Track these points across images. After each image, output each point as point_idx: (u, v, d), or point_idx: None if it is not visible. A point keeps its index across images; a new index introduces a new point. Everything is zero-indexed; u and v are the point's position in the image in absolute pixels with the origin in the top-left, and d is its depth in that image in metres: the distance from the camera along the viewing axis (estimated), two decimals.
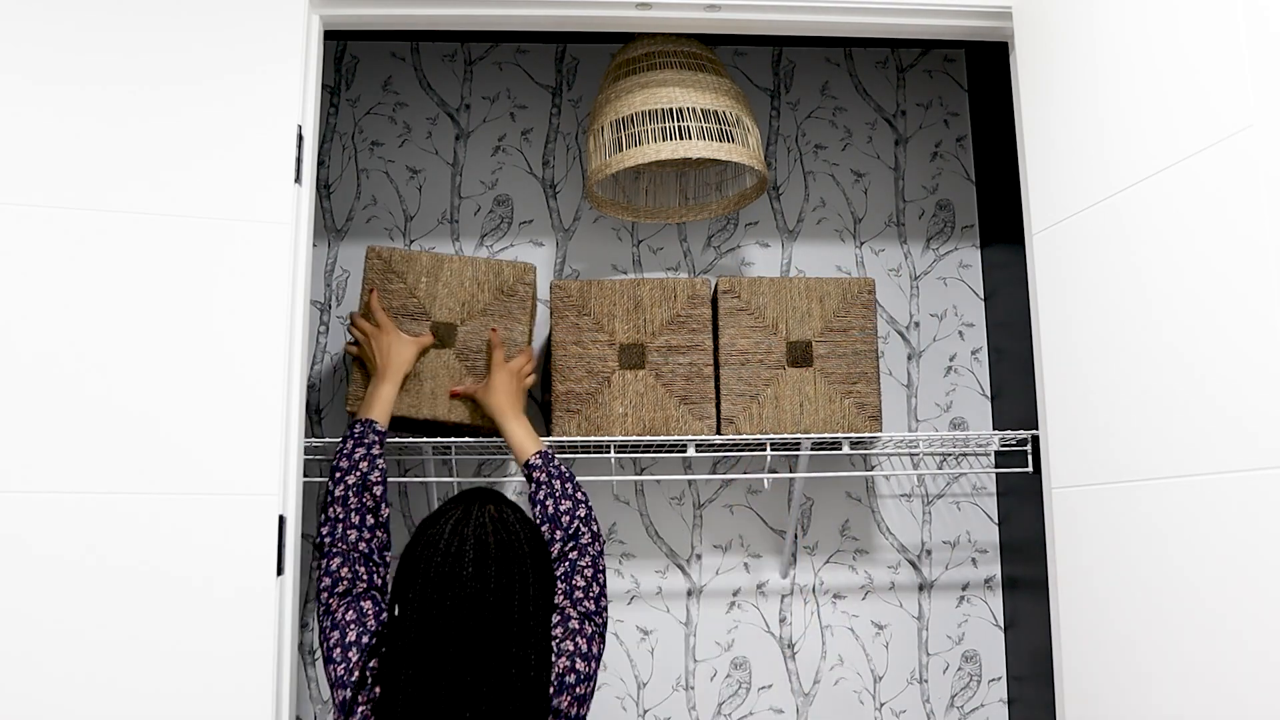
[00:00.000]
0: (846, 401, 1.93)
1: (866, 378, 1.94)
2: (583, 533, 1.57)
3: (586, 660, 1.41)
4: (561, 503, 1.60)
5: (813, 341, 1.95)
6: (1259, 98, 1.22)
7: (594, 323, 1.94)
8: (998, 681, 2.18)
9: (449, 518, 1.32)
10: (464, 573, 1.26)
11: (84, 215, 1.51)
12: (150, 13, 1.58)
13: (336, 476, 1.59)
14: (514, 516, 1.33)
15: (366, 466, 1.59)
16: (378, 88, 2.28)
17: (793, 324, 1.95)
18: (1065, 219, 1.57)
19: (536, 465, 1.67)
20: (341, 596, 1.48)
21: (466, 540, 1.28)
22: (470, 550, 1.27)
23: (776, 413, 1.92)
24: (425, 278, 1.88)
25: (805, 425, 1.92)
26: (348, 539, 1.53)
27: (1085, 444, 1.52)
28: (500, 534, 1.30)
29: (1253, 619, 1.20)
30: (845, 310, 1.96)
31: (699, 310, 1.95)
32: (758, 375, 1.92)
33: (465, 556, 1.27)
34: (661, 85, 1.91)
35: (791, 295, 1.96)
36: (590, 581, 1.51)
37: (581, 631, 1.45)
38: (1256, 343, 1.21)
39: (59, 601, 1.42)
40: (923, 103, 2.35)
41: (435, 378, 1.84)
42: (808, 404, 1.93)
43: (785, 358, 1.94)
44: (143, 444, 1.48)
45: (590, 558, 1.54)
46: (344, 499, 1.56)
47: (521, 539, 1.31)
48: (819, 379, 1.94)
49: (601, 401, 1.91)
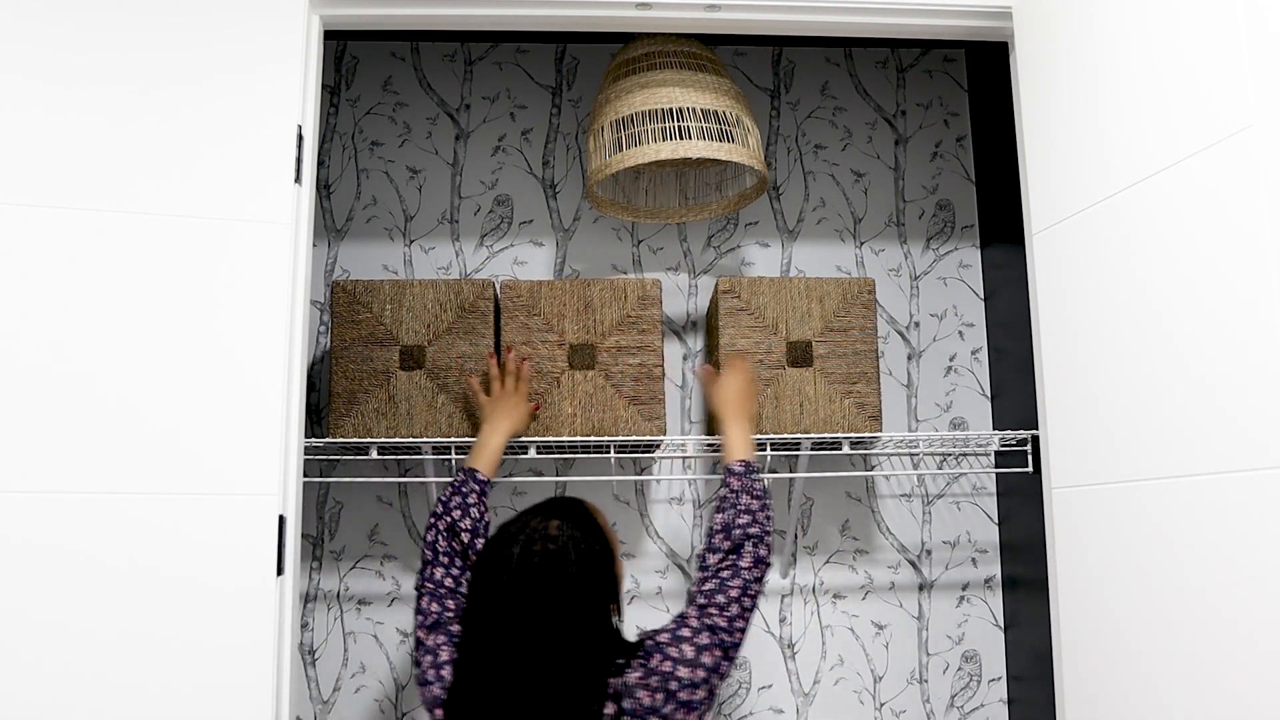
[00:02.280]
0: (846, 401, 1.93)
1: (866, 377, 1.94)
2: (744, 554, 1.54)
3: (691, 667, 1.39)
4: (739, 517, 1.58)
5: (813, 341, 1.95)
6: (1259, 98, 1.22)
7: (544, 323, 1.94)
8: (998, 681, 2.18)
9: (520, 527, 1.39)
10: (515, 585, 1.34)
11: (83, 215, 1.51)
12: (150, 13, 1.58)
13: (432, 520, 1.66)
14: (569, 533, 1.38)
15: (459, 514, 1.66)
16: (378, 88, 2.28)
17: (793, 324, 1.95)
18: (1065, 219, 1.57)
19: (735, 473, 1.65)
20: (430, 629, 1.52)
21: (529, 553, 1.36)
22: (525, 564, 1.35)
23: (776, 413, 1.92)
24: (390, 304, 1.93)
25: (805, 425, 1.92)
26: (434, 577, 1.59)
27: (1085, 444, 1.52)
28: (546, 548, 1.36)
29: (1254, 619, 1.20)
30: (845, 310, 1.96)
31: (649, 311, 1.95)
32: (758, 375, 1.93)
33: (520, 570, 1.34)
34: (661, 85, 1.91)
35: (791, 295, 1.96)
36: (731, 602, 1.48)
37: (694, 640, 1.42)
38: (1257, 342, 1.21)
39: (59, 601, 1.42)
40: (923, 103, 2.35)
41: (409, 399, 1.90)
42: (808, 404, 1.93)
43: (785, 358, 1.94)
44: (143, 444, 1.48)
45: (742, 581, 1.51)
46: (434, 543, 1.63)
47: (572, 557, 1.36)
48: (819, 379, 1.94)
49: (551, 402, 1.92)
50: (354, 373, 1.91)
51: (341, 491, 2.15)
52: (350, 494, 2.16)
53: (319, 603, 2.12)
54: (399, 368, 1.91)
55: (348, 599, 2.13)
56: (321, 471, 2.14)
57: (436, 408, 1.90)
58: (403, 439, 1.89)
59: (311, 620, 2.12)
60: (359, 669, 2.11)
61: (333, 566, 2.13)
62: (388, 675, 2.11)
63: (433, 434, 1.89)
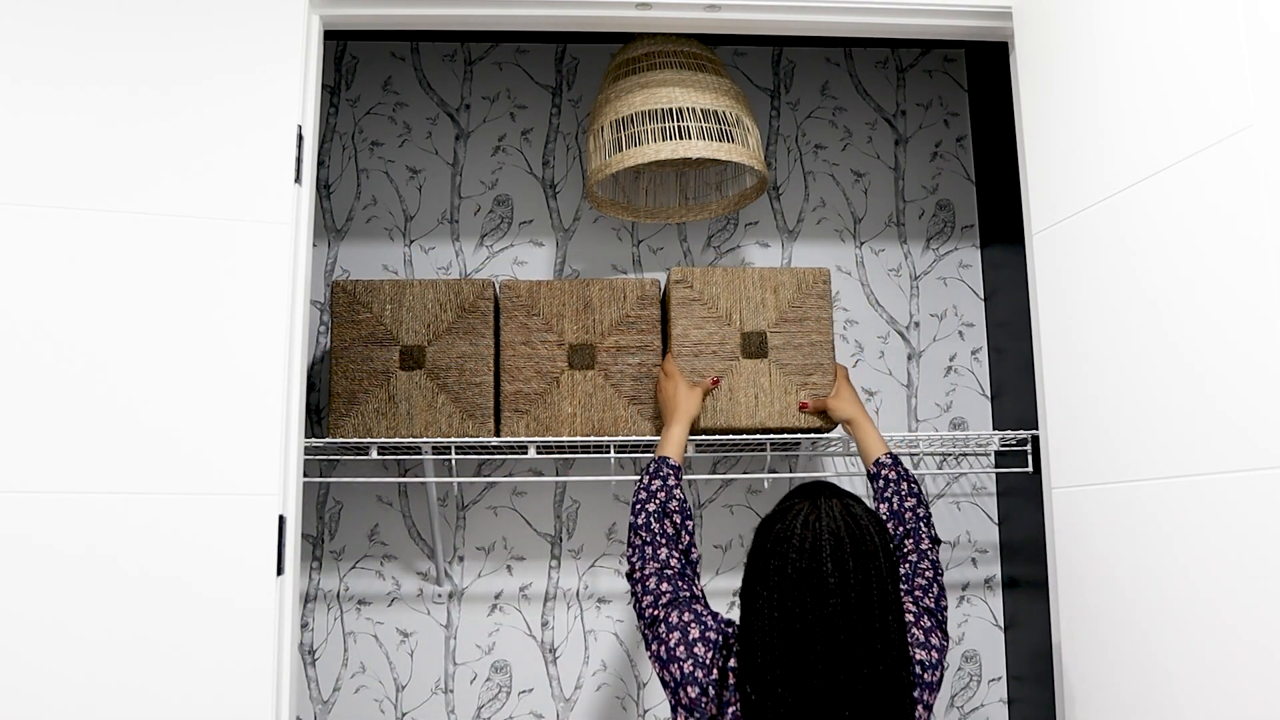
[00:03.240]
0: (802, 393, 1.92)
1: (823, 369, 1.93)
2: (922, 534, 1.62)
3: (926, 649, 1.43)
4: (906, 500, 1.67)
5: (767, 332, 1.94)
6: (1259, 98, 1.22)
7: (544, 323, 1.94)
8: (998, 681, 2.18)
9: (796, 513, 1.30)
10: (824, 568, 1.24)
11: (84, 215, 1.51)
12: (150, 13, 1.58)
13: (637, 508, 1.62)
14: (861, 509, 1.31)
15: (664, 496, 1.62)
16: (378, 88, 2.28)
17: (746, 314, 1.94)
18: (1065, 219, 1.57)
19: (886, 464, 1.73)
20: (669, 605, 1.47)
21: (821, 535, 1.26)
22: (827, 545, 1.25)
23: (731, 405, 1.91)
24: (390, 304, 1.93)
25: (760, 419, 1.90)
26: (659, 558, 1.55)
27: (1085, 444, 1.52)
28: (852, 528, 1.27)
29: (1253, 619, 1.20)
30: (800, 301, 1.95)
31: (648, 311, 1.95)
32: (711, 367, 1.92)
33: (823, 552, 1.25)
34: (661, 85, 1.91)
35: (745, 285, 1.95)
36: (931, 583, 1.55)
37: (919, 624, 1.46)
38: (1256, 342, 1.21)
39: (59, 601, 1.42)
40: (923, 103, 2.35)
41: (409, 399, 1.89)
42: (763, 396, 1.91)
43: (740, 349, 1.93)
44: (143, 444, 1.48)
45: (930, 561, 1.58)
46: (646, 524, 1.59)
47: (872, 532, 1.28)
48: (774, 370, 1.93)
49: (550, 402, 1.91)
50: (354, 373, 1.91)
51: (341, 491, 2.15)
52: (350, 494, 2.16)
53: (319, 603, 2.12)
54: (399, 368, 1.91)
55: (348, 599, 2.13)
56: (321, 471, 2.14)
57: (436, 408, 1.90)
58: (403, 439, 1.89)
59: (311, 620, 2.12)
60: (359, 669, 2.11)
61: (333, 566, 2.13)
62: (388, 675, 2.11)
63: (433, 434, 1.89)
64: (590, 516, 2.18)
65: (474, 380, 1.91)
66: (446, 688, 2.11)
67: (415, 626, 2.13)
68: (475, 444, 1.91)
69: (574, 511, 2.18)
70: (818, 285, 1.96)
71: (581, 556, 2.16)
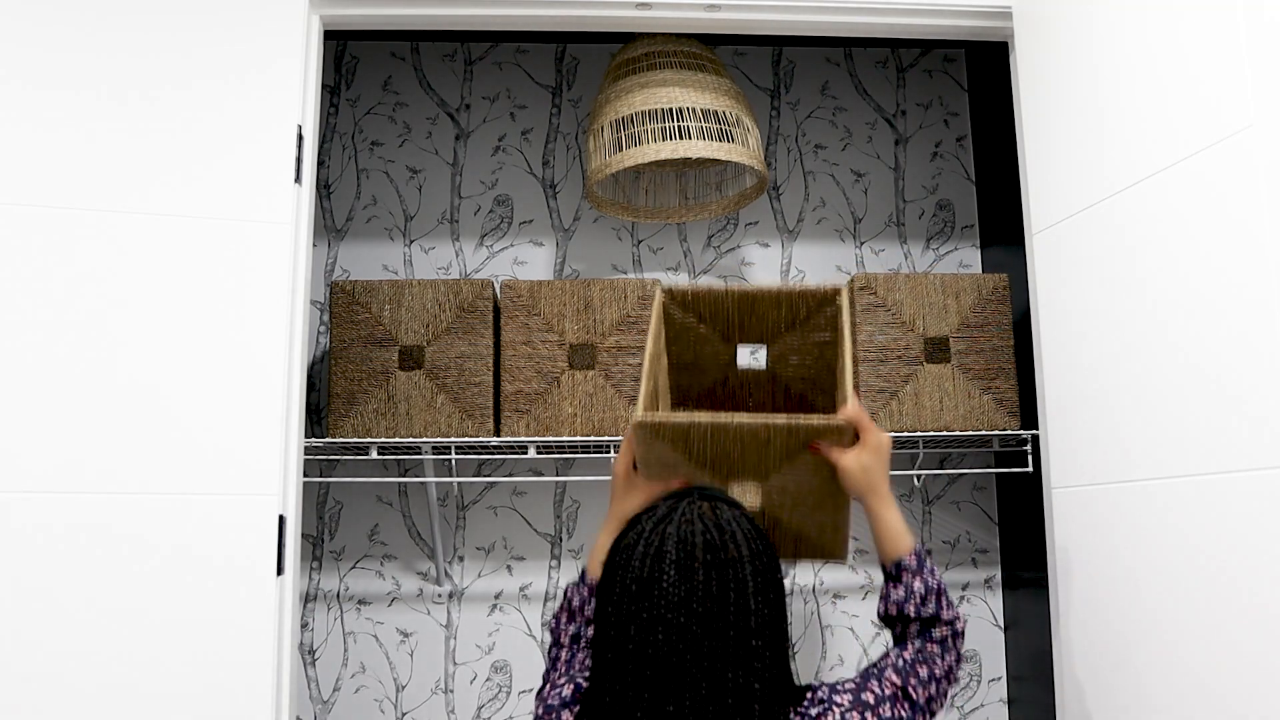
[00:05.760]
0: (985, 397, 1.95)
1: (1005, 374, 1.96)
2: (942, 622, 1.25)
3: None
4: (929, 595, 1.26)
5: (950, 337, 1.96)
6: (1259, 98, 1.22)
7: (544, 323, 1.94)
8: (998, 681, 2.18)
9: (649, 516, 1.11)
10: (664, 578, 1.05)
11: (84, 216, 1.51)
12: (150, 14, 1.58)
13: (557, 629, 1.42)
14: (733, 515, 1.10)
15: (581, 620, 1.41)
16: (378, 88, 2.28)
17: (930, 320, 1.97)
18: (1065, 219, 1.57)
19: (910, 569, 1.27)
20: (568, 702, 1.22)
21: (667, 541, 1.07)
22: (672, 552, 1.06)
23: (916, 409, 1.93)
24: (388, 305, 1.93)
25: (945, 422, 1.93)
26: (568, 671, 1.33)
27: (1085, 443, 1.52)
28: (710, 534, 1.07)
29: (1253, 619, 1.20)
30: (981, 306, 1.98)
31: (649, 311, 1.95)
32: (896, 372, 1.94)
33: (665, 559, 1.06)
34: (661, 85, 1.91)
35: (928, 291, 1.97)
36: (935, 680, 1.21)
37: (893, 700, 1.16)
38: (1257, 342, 1.21)
39: (59, 601, 1.42)
40: (923, 103, 2.35)
41: (409, 399, 1.89)
42: (947, 400, 1.95)
43: (923, 353, 1.96)
44: (142, 444, 1.48)
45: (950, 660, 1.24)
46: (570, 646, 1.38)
47: (739, 540, 1.08)
48: (957, 374, 1.95)
49: (551, 402, 1.92)
50: (353, 373, 1.91)
51: (341, 491, 2.15)
52: (350, 494, 2.16)
53: (319, 603, 2.12)
54: (398, 368, 1.91)
55: (348, 599, 2.13)
56: (321, 471, 2.14)
57: (436, 408, 1.90)
58: (402, 439, 1.89)
59: (311, 620, 2.12)
60: (359, 669, 2.11)
61: (333, 566, 2.13)
62: (388, 675, 2.11)
63: (432, 434, 1.89)
64: (590, 516, 2.18)
65: (473, 380, 1.91)
66: (446, 688, 2.11)
67: (415, 626, 2.13)
68: (475, 444, 1.92)
69: (574, 511, 2.18)
70: (998, 291, 1.98)
71: (581, 556, 2.16)
